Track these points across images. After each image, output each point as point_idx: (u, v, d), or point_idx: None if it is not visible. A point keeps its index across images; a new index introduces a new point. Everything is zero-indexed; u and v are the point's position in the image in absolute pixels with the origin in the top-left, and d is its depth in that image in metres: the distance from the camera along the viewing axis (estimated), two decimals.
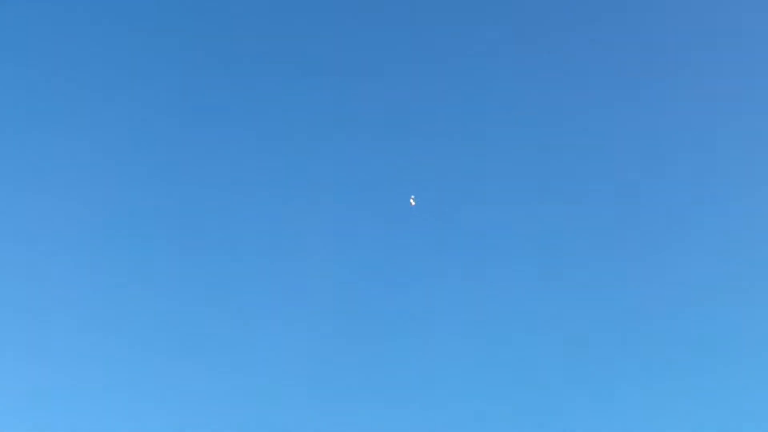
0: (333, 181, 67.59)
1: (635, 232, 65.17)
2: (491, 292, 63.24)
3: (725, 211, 65.14)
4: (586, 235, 65.13)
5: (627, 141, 68.48)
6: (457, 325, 62.11)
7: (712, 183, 66.28)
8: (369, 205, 66.32)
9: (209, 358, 60.76)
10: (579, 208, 66.34)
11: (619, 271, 63.97)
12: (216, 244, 65.31)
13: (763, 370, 58.32)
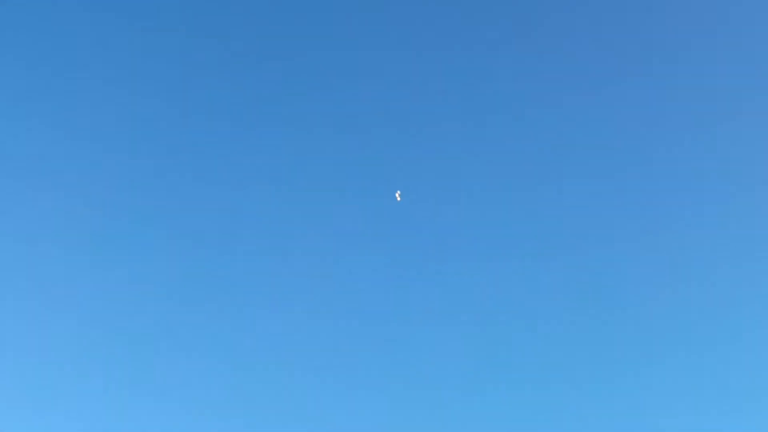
0: (332, 180, 67.82)
1: (635, 231, 65.52)
2: (491, 290, 63.54)
3: (725, 211, 65.43)
4: (585, 234, 65.45)
5: (624, 136, 68.74)
6: (458, 324, 62.39)
7: (712, 183, 66.48)
8: (369, 204, 66.47)
9: (209, 357, 60.97)
10: (579, 207, 66.61)
11: (618, 269, 64.28)
12: (216, 243, 65.51)
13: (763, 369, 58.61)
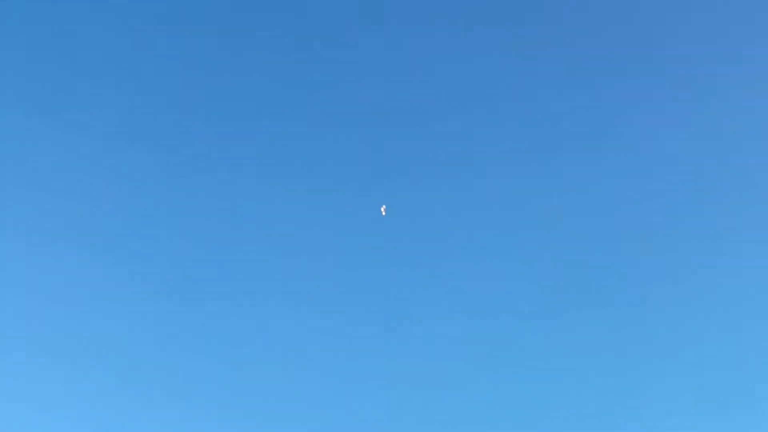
0: (332, 178, 67.84)
1: (633, 227, 65.49)
2: (490, 288, 63.52)
3: (724, 209, 65.43)
4: (585, 234, 65.46)
5: (622, 132, 68.77)
6: (457, 322, 62.40)
7: (711, 182, 66.47)
8: (368, 203, 66.47)
9: (209, 357, 60.99)
10: (578, 205, 66.62)
11: (617, 265, 64.31)
12: (215, 243, 65.61)
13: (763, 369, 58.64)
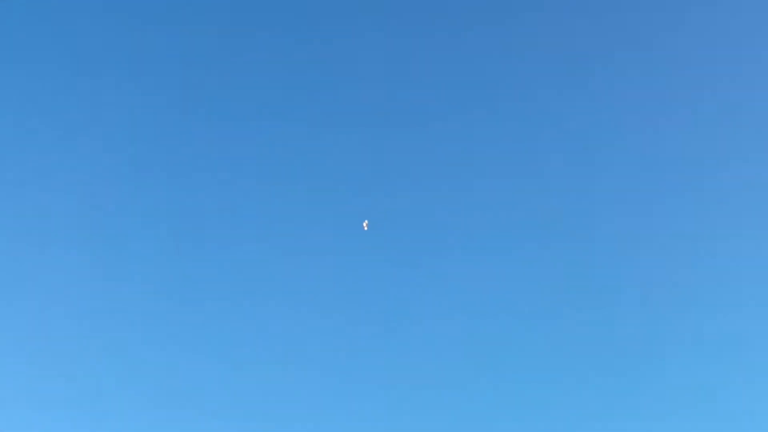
0: (332, 178, 67.97)
1: (634, 228, 65.57)
2: (490, 288, 63.68)
3: (724, 207, 65.55)
4: (584, 234, 65.54)
5: (619, 130, 68.85)
6: (458, 322, 62.51)
7: (712, 182, 66.55)
8: (368, 203, 66.62)
9: (209, 357, 61.13)
10: (578, 205, 66.75)
11: (616, 265, 64.43)
12: (215, 242, 65.76)
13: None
